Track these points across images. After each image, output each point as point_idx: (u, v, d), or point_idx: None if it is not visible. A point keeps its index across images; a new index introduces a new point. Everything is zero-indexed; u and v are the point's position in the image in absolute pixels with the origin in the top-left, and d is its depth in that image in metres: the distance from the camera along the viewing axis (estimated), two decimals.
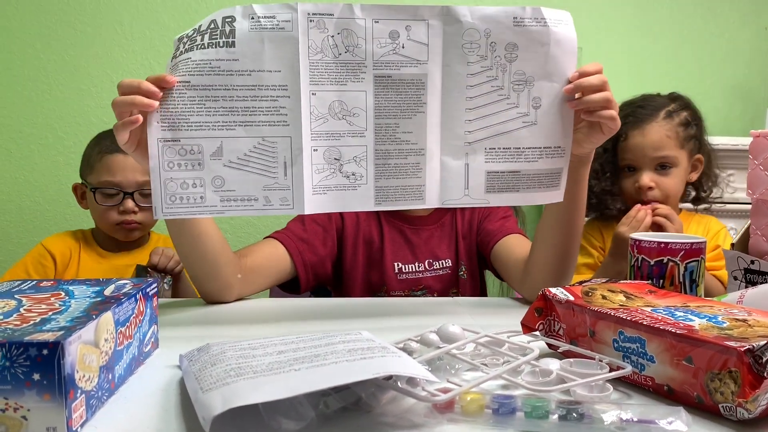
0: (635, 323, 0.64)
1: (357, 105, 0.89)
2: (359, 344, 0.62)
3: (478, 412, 0.56)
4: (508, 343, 0.72)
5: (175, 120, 0.85)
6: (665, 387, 0.61)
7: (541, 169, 0.94)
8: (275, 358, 0.60)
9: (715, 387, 0.56)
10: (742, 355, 0.54)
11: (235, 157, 0.87)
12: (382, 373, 0.55)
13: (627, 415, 0.54)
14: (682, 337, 0.59)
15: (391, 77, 0.89)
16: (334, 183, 0.90)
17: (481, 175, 0.93)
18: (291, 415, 0.53)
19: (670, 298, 0.74)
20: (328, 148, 0.89)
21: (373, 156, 0.91)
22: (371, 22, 0.87)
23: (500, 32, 0.89)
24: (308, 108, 0.87)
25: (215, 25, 0.85)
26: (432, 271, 1.27)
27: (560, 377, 0.63)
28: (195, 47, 0.85)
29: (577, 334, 0.71)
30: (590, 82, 0.90)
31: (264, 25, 0.85)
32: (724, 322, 0.62)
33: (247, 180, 0.88)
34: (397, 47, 0.88)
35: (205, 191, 0.87)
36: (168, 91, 0.84)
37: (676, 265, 0.88)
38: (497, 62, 0.90)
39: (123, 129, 0.85)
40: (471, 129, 0.92)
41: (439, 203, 0.94)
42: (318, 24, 0.86)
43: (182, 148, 0.86)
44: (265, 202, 0.89)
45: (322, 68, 0.87)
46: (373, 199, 0.92)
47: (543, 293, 0.76)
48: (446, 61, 0.90)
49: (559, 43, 0.91)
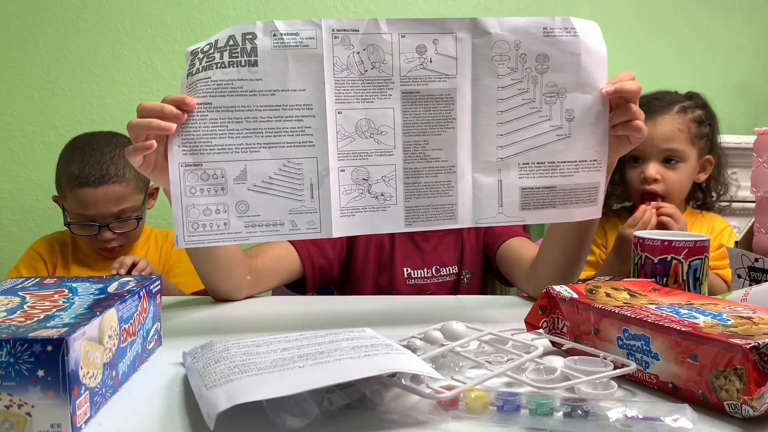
0: (640, 321, 0.64)
1: (384, 123, 0.87)
2: (363, 342, 0.62)
3: (482, 409, 0.56)
4: (512, 341, 0.72)
5: (197, 143, 0.82)
6: (670, 384, 0.61)
7: (578, 183, 0.91)
8: (279, 356, 0.60)
9: (720, 384, 0.56)
10: (747, 353, 0.53)
11: (260, 180, 0.84)
12: (386, 371, 0.55)
13: (632, 412, 0.53)
14: (686, 335, 0.59)
15: (419, 93, 0.87)
16: (362, 204, 0.87)
17: (515, 191, 0.90)
18: (295, 412, 0.53)
19: (674, 295, 0.74)
20: (355, 168, 0.87)
21: (403, 175, 0.88)
22: (398, 36, 0.85)
23: (530, 43, 0.87)
24: (334, 127, 0.85)
25: (235, 42, 0.82)
26: (438, 277, 1.28)
27: (564, 375, 0.63)
28: (214, 66, 0.82)
29: (581, 332, 0.71)
30: (629, 88, 0.88)
31: (287, 42, 0.82)
32: (728, 319, 0.62)
33: (273, 204, 0.85)
34: (425, 62, 0.86)
35: (229, 217, 0.84)
36: (188, 113, 0.82)
37: (680, 263, 0.88)
38: (528, 74, 0.88)
39: (135, 154, 0.82)
40: (503, 144, 0.89)
41: (472, 223, 0.91)
42: (343, 40, 0.84)
43: (204, 173, 0.83)
44: (291, 227, 0.85)
45: (348, 86, 0.85)
46: (404, 220, 0.89)
47: (547, 291, 0.76)
48: (476, 74, 0.88)
49: (590, 53, 0.88)
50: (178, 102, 0.81)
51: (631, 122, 0.90)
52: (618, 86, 0.88)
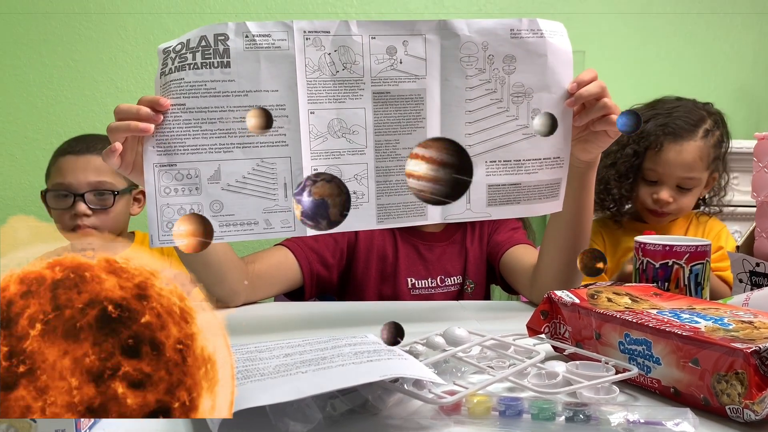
0: (641, 325, 0.64)
1: (356, 122, 0.88)
2: (366, 347, 0.62)
3: (484, 414, 0.56)
4: (513, 346, 0.72)
5: (171, 144, 0.83)
6: (672, 389, 0.61)
7: (541, 180, 0.94)
8: (282, 361, 0.60)
9: (722, 389, 0.56)
10: (748, 357, 0.54)
11: (234, 180, 0.85)
12: (388, 376, 0.55)
13: (634, 416, 0.54)
14: (688, 339, 0.59)
15: (389, 93, 0.88)
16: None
17: (482, 188, 0.92)
18: (298, 418, 0.54)
19: (675, 300, 0.74)
20: (328, 167, 0.88)
21: (374, 173, 0.90)
22: (368, 38, 0.86)
23: (498, 45, 0.89)
24: (307, 127, 0.86)
25: (207, 42, 0.83)
26: (444, 288, 1.28)
27: (566, 379, 0.63)
28: (187, 66, 0.83)
29: (583, 337, 0.71)
30: (589, 92, 0.90)
31: (259, 44, 0.83)
32: (730, 324, 0.62)
33: (247, 203, 0.86)
34: (395, 63, 0.88)
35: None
36: (163, 114, 0.83)
37: (681, 267, 0.88)
38: (496, 75, 0.90)
39: (110, 156, 0.83)
40: (471, 143, 0.91)
41: (441, 218, 0.93)
42: (314, 42, 0.85)
43: (179, 173, 0.84)
44: (265, 225, 0.87)
45: (320, 86, 0.86)
46: (375, 217, 0.91)
47: (548, 296, 0.77)
48: (444, 75, 0.89)
49: (556, 53, 0.90)
50: (153, 103, 0.82)
51: (608, 116, 0.91)
52: (577, 94, 0.90)
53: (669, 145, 1.34)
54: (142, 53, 2.14)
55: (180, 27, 2.13)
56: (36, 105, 2.12)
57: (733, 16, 2.32)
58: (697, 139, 1.35)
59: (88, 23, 2.12)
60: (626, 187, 1.38)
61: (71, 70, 2.13)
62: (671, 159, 1.34)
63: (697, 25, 2.32)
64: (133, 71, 2.14)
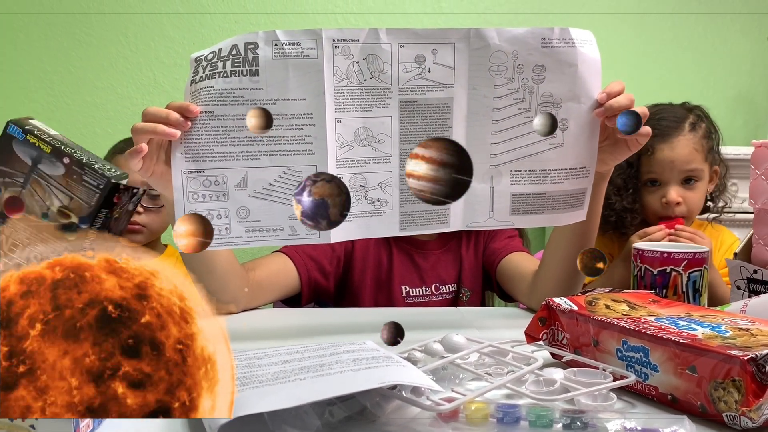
0: (639, 332, 0.64)
1: (382, 131, 0.88)
2: (364, 354, 0.62)
3: (482, 421, 0.56)
4: (512, 353, 0.72)
5: (199, 151, 0.84)
6: (669, 396, 0.61)
7: (566, 190, 0.93)
8: (280, 368, 0.60)
9: (719, 396, 0.56)
10: (745, 364, 0.54)
11: (260, 187, 0.86)
12: (386, 383, 0.55)
13: (631, 423, 0.54)
14: (685, 346, 0.59)
15: (416, 102, 0.88)
16: (359, 210, 0.89)
17: (506, 197, 0.92)
18: (296, 424, 0.54)
19: (673, 307, 0.74)
20: (353, 176, 0.88)
21: (399, 181, 0.89)
22: (397, 46, 0.86)
23: (528, 54, 0.88)
24: (333, 135, 0.86)
25: (237, 51, 0.83)
26: (438, 295, 1.28)
27: (564, 386, 0.63)
28: (217, 74, 0.83)
29: (581, 344, 0.71)
30: (619, 103, 0.88)
31: (288, 52, 0.83)
32: (727, 331, 0.62)
33: (273, 210, 0.86)
34: (423, 71, 0.87)
35: (230, 222, 0.86)
36: (191, 121, 0.83)
37: (679, 274, 0.88)
38: (524, 84, 0.89)
39: (133, 157, 0.83)
40: (497, 152, 0.90)
41: (463, 226, 0.93)
42: (343, 50, 0.85)
43: (207, 179, 0.85)
44: (290, 232, 0.87)
45: (347, 95, 0.86)
46: (398, 224, 0.91)
47: (546, 303, 0.77)
48: (472, 84, 0.88)
49: (586, 63, 0.89)
50: (182, 109, 0.82)
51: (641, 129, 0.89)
52: (608, 105, 0.88)
53: (660, 146, 1.33)
54: (143, 60, 2.15)
55: (180, 33, 2.14)
56: (37, 112, 2.12)
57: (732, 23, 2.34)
58: (685, 132, 1.35)
59: (88, 30, 2.13)
60: (628, 198, 1.36)
61: (71, 76, 2.14)
62: (667, 157, 1.33)
63: (695, 32, 2.33)
64: (133, 77, 2.14)
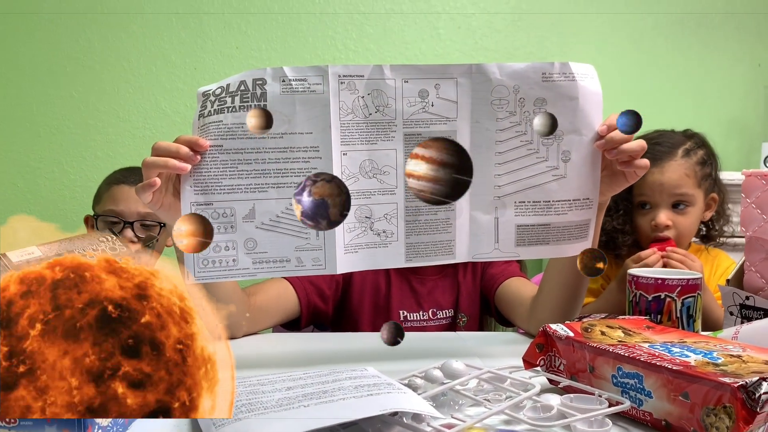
0: (633, 359, 0.66)
1: (387, 163, 0.90)
2: (365, 381, 0.64)
3: None
4: (510, 379, 0.73)
5: (208, 184, 0.86)
6: (663, 422, 0.62)
7: (571, 221, 0.94)
8: (284, 394, 0.62)
9: (711, 422, 0.58)
10: (735, 391, 0.56)
11: (268, 219, 0.87)
12: (388, 410, 0.57)
13: None
14: (678, 373, 0.61)
15: (420, 135, 0.90)
16: (365, 241, 0.90)
17: (511, 228, 0.93)
18: None
19: (667, 333, 0.76)
20: (359, 207, 0.89)
21: (404, 213, 0.91)
22: (401, 81, 0.88)
23: (529, 88, 0.90)
24: (339, 168, 0.88)
25: (246, 87, 0.85)
26: (435, 320, 1.29)
27: (561, 412, 0.65)
28: (226, 110, 0.85)
29: (577, 370, 0.73)
30: (621, 136, 0.89)
31: (295, 88, 0.85)
32: (719, 358, 0.64)
33: (280, 241, 0.88)
34: (427, 105, 0.89)
35: (238, 254, 0.87)
36: (201, 154, 0.85)
37: (673, 300, 0.90)
38: (526, 117, 0.90)
39: (144, 191, 0.85)
40: (500, 183, 0.92)
41: (468, 257, 0.94)
42: (349, 86, 0.87)
43: (215, 212, 0.86)
44: (297, 263, 0.88)
45: (353, 128, 0.88)
46: (404, 255, 0.92)
47: (544, 329, 0.78)
48: (475, 117, 0.91)
49: (586, 96, 0.91)
50: (192, 143, 0.84)
51: (638, 161, 0.91)
52: (609, 137, 0.89)
53: (651, 169, 1.32)
54: (145, 84, 2.17)
55: (181, 58, 2.17)
56: (39, 134, 2.15)
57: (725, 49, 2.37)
58: (677, 158, 1.37)
59: (91, 54, 2.16)
60: (618, 219, 1.38)
61: (74, 100, 2.16)
62: (656, 180, 1.35)
63: (690, 58, 2.36)
64: (135, 102, 2.17)
